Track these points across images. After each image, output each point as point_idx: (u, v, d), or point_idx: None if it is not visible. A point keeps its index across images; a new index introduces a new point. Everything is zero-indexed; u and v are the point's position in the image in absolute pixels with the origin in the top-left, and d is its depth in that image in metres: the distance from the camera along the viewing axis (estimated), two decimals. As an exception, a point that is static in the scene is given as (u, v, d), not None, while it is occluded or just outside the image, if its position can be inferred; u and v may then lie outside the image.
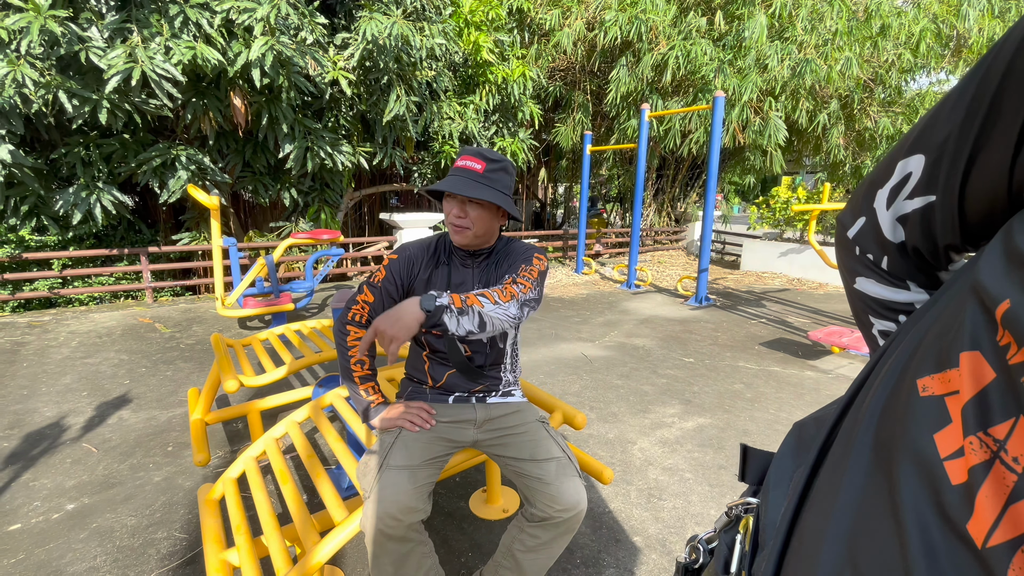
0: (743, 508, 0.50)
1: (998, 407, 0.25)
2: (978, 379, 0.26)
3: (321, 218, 6.55)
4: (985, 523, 0.24)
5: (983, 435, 0.25)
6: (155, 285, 5.70)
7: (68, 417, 2.78)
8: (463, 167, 1.28)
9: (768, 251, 8.18)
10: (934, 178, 0.37)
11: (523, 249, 1.43)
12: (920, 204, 0.39)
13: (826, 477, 0.37)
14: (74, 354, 3.84)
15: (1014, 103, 0.30)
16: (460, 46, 6.65)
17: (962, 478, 0.26)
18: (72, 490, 2.11)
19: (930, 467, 0.27)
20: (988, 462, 0.25)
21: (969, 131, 0.33)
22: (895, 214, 0.41)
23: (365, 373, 1.38)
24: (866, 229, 0.44)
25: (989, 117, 0.32)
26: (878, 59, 8.46)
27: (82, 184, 4.87)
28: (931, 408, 0.29)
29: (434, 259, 1.41)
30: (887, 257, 0.44)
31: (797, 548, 0.36)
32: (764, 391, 3.28)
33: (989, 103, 0.32)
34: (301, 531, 1.31)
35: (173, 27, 4.48)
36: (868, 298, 0.47)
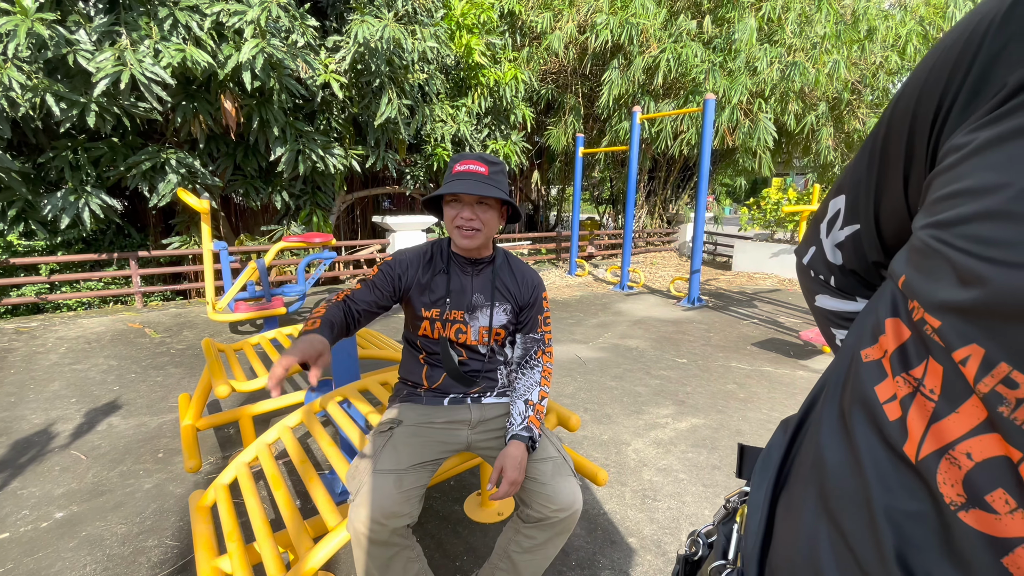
0: (739, 499, 0.54)
1: (914, 354, 0.33)
2: (899, 336, 0.35)
3: (313, 221, 6.52)
4: (915, 441, 0.32)
5: (906, 375, 0.33)
6: (145, 290, 5.65)
7: (56, 424, 2.75)
8: (468, 171, 1.28)
9: (759, 252, 8.25)
10: (855, 211, 0.48)
11: (531, 282, 1.46)
12: (849, 232, 0.50)
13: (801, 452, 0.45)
14: (62, 360, 3.79)
15: (896, 148, 0.41)
16: (452, 49, 6.66)
17: (897, 414, 0.33)
18: (61, 498, 2.08)
19: (873, 411, 0.35)
20: (912, 394, 0.33)
21: (871, 176, 0.45)
22: (833, 242, 0.52)
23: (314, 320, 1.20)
24: (816, 255, 0.55)
25: (883, 160, 0.43)
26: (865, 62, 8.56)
27: (70, 188, 4.82)
28: (872, 369, 0.37)
29: (431, 265, 1.40)
30: (834, 276, 0.54)
31: (783, 516, 0.43)
32: (757, 391, 3.30)
33: (880, 150, 0.43)
34: (294, 537, 1.30)
35: (162, 30, 4.45)
36: (828, 312, 0.57)
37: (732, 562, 0.49)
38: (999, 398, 0.27)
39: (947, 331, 0.30)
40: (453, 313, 1.39)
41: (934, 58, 0.37)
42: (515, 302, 1.44)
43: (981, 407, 0.28)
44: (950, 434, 0.30)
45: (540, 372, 1.44)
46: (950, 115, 0.35)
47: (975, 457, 0.28)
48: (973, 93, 0.33)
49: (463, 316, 1.39)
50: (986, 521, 0.28)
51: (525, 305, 1.45)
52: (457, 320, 1.39)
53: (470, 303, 1.40)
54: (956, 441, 0.29)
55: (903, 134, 0.40)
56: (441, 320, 1.38)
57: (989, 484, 0.28)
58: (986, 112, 0.31)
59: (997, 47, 0.31)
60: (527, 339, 1.47)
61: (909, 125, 0.39)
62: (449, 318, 1.38)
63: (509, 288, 1.43)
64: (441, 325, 1.39)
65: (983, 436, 0.28)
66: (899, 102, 0.40)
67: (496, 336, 1.43)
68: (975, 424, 0.29)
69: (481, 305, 1.41)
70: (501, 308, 1.42)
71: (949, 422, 0.30)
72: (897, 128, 0.40)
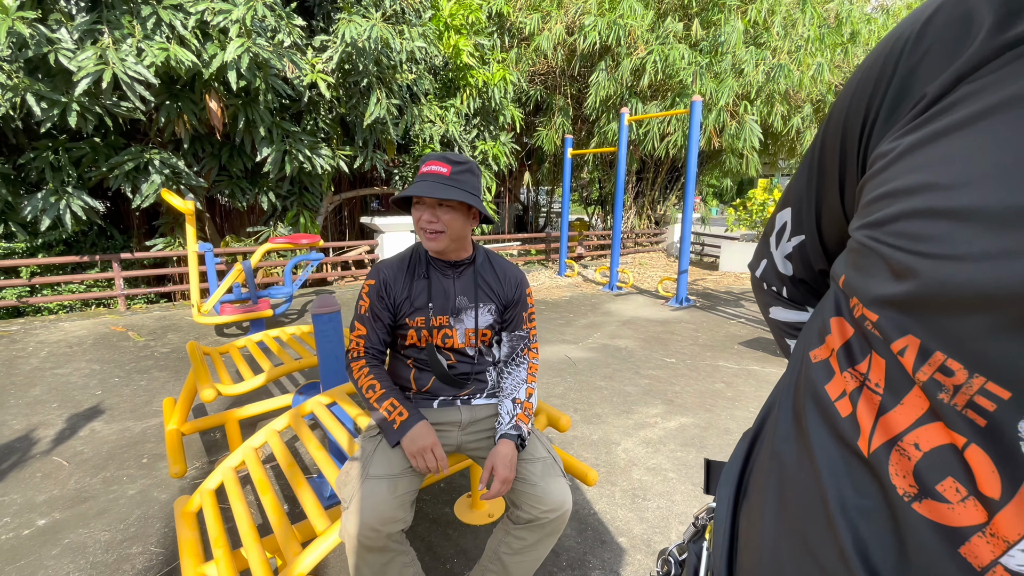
0: (708, 517, 0.54)
1: (858, 350, 0.34)
2: (843, 334, 0.36)
3: (300, 222, 6.47)
4: (866, 435, 0.32)
5: (852, 371, 0.34)
6: (128, 292, 5.56)
7: (38, 430, 2.69)
8: (429, 172, 1.27)
9: (746, 252, 8.33)
10: (800, 222, 0.50)
11: (514, 279, 1.44)
12: (796, 243, 0.51)
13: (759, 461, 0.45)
14: (43, 364, 3.72)
15: (830, 161, 0.43)
16: (440, 49, 6.64)
17: (848, 410, 0.34)
18: (43, 505, 2.04)
19: (826, 409, 0.36)
20: (859, 388, 0.33)
21: (811, 188, 0.47)
22: (782, 253, 0.54)
23: (380, 394, 1.31)
24: (768, 268, 0.57)
25: (820, 174, 0.45)
26: (848, 64, 8.69)
27: (51, 189, 4.73)
28: (821, 369, 0.38)
29: (411, 273, 1.38)
30: (786, 287, 0.56)
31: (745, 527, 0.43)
32: (744, 389, 3.33)
33: (817, 164, 0.45)
34: (282, 542, 1.29)
35: (145, 28, 4.38)
36: (781, 323, 0.58)
37: None
38: (938, 386, 0.28)
39: (884, 324, 0.31)
40: (438, 319, 1.37)
41: (859, 76, 0.39)
42: (499, 301, 1.43)
43: (923, 397, 0.29)
44: (897, 425, 0.30)
45: (526, 369, 1.44)
46: (875, 125, 0.37)
47: (923, 447, 0.29)
48: (895, 104, 0.35)
49: (448, 320, 1.38)
50: (939, 511, 0.28)
51: (509, 303, 1.44)
52: (443, 325, 1.38)
53: (454, 306, 1.38)
54: (903, 432, 0.30)
55: (836, 147, 0.42)
56: (427, 328, 1.37)
57: (938, 473, 0.28)
58: (908, 121, 0.33)
59: (914, 62, 0.34)
60: (512, 337, 1.46)
61: (840, 138, 0.41)
62: (434, 324, 1.37)
63: (492, 287, 1.42)
64: (428, 332, 1.37)
65: (928, 426, 0.29)
66: (831, 118, 0.43)
67: (483, 337, 1.42)
68: (919, 414, 0.29)
69: (465, 307, 1.39)
70: (485, 308, 1.41)
71: (895, 414, 0.31)
72: (830, 142, 0.43)
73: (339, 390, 1.89)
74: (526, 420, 1.34)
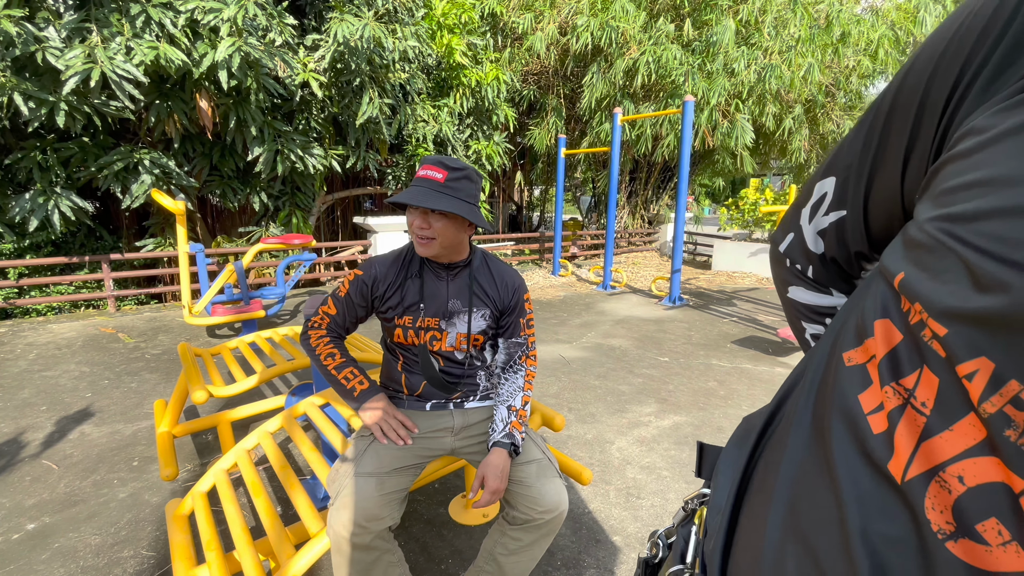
0: (698, 501, 0.53)
1: (906, 361, 0.30)
2: (889, 341, 0.31)
3: (292, 222, 6.43)
4: (903, 460, 0.28)
5: (895, 385, 0.30)
6: (118, 293, 5.50)
7: (26, 433, 2.66)
8: (424, 177, 1.23)
9: (738, 251, 8.38)
10: (843, 196, 0.44)
11: (512, 285, 1.40)
12: (834, 218, 0.46)
13: (768, 457, 0.41)
14: (32, 367, 3.67)
15: (899, 129, 0.37)
16: (433, 49, 6.63)
17: (883, 427, 0.30)
18: (32, 509, 2.02)
19: (855, 422, 0.32)
20: (901, 407, 0.29)
21: (867, 157, 0.41)
22: (815, 228, 0.48)
23: (340, 362, 1.34)
24: (794, 243, 0.51)
25: (881, 142, 0.39)
26: (839, 65, 8.76)
27: (39, 190, 4.67)
28: (855, 375, 0.33)
29: (404, 271, 1.35)
30: (812, 267, 0.51)
31: (745, 525, 0.40)
32: (737, 388, 3.35)
33: (880, 134, 0.39)
34: (275, 544, 1.28)
35: (135, 27, 4.34)
36: (799, 304, 0.54)
37: (690, 566, 0.48)
38: (1006, 420, 0.24)
39: (954, 341, 0.26)
40: (427, 320, 1.34)
41: (954, 27, 0.32)
42: (495, 307, 1.38)
43: (980, 426, 0.25)
44: (941, 454, 0.27)
45: (523, 376, 1.42)
46: (970, 91, 0.31)
47: (968, 481, 0.26)
48: (1000, 68, 0.29)
49: (438, 323, 1.34)
50: (975, 553, 0.25)
51: (506, 310, 1.40)
52: (432, 327, 1.35)
53: (446, 309, 1.34)
54: (947, 462, 0.26)
55: (910, 111, 0.36)
56: (414, 328, 1.34)
57: (982, 512, 0.25)
58: (1015, 93, 0.27)
59: None
60: (510, 344, 1.42)
61: (919, 102, 0.35)
62: (423, 325, 1.34)
63: (488, 292, 1.37)
64: (415, 333, 1.35)
65: (979, 459, 0.25)
66: (908, 75, 0.36)
67: (475, 342, 1.39)
68: (971, 444, 0.26)
69: (458, 311, 1.35)
70: (480, 314, 1.37)
71: (941, 440, 0.27)
72: (904, 104, 0.36)
73: (332, 391, 1.88)
74: (520, 428, 1.33)
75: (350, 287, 1.35)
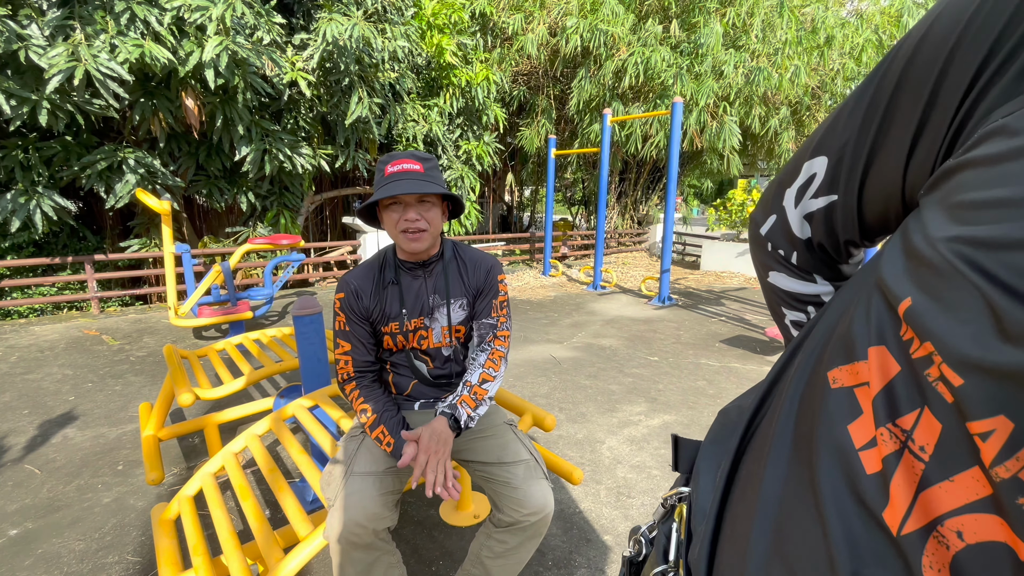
0: (676, 498, 0.51)
1: (904, 399, 0.26)
2: (885, 372, 0.28)
3: (280, 222, 6.37)
4: (899, 511, 0.26)
5: (892, 426, 0.27)
6: (102, 295, 5.41)
7: (8, 437, 2.61)
8: (402, 170, 1.22)
9: (726, 252, 8.45)
10: (835, 179, 0.39)
11: (484, 266, 1.39)
12: (824, 203, 0.41)
13: (750, 465, 0.38)
14: (13, 370, 3.60)
15: (906, 110, 0.32)
16: (423, 48, 6.61)
17: (876, 467, 0.27)
18: (14, 515, 1.98)
19: (846, 457, 0.28)
20: (898, 452, 0.26)
21: (866, 135, 0.35)
22: (802, 212, 0.43)
23: (371, 420, 1.27)
24: (776, 226, 0.47)
25: (884, 123, 0.34)
26: (824, 68, 8.88)
27: (20, 189, 4.58)
28: (842, 400, 0.30)
29: (380, 280, 1.34)
30: (796, 252, 0.46)
31: (728, 534, 0.38)
32: (726, 387, 3.38)
33: (884, 109, 0.34)
34: (264, 548, 1.27)
35: (119, 24, 4.27)
36: (780, 291, 0.50)
37: (674, 565, 0.46)
38: (1020, 487, 0.21)
39: (970, 394, 0.22)
40: (412, 322, 1.34)
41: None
42: (469, 292, 1.39)
43: (984, 482, 0.23)
44: (940, 506, 0.24)
45: (487, 355, 1.36)
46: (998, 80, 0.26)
47: (967, 538, 0.23)
48: None
49: (423, 322, 1.35)
50: None
51: (480, 291, 1.38)
52: (418, 328, 1.35)
53: (428, 306, 1.35)
54: (946, 515, 0.24)
55: (922, 91, 0.30)
56: (402, 332, 1.34)
57: (981, 572, 0.23)
58: None
59: None
60: (480, 325, 1.39)
61: (934, 80, 0.30)
62: (409, 328, 1.34)
63: (463, 279, 1.38)
64: (403, 337, 1.35)
65: (981, 515, 0.23)
66: (923, 45, 0.30)
67: (457, 333, 1.39)
68: (972, 499, 0.23)
69: (438, 305, 1.36)
70: (457, 303, 1.37)
71: (940, 491, 0.24)
72: (915, 81, 0.31)
73: (321, 393, 1.87)
74: (471, 404, 1.26)
75: (344, 314, 1.33)
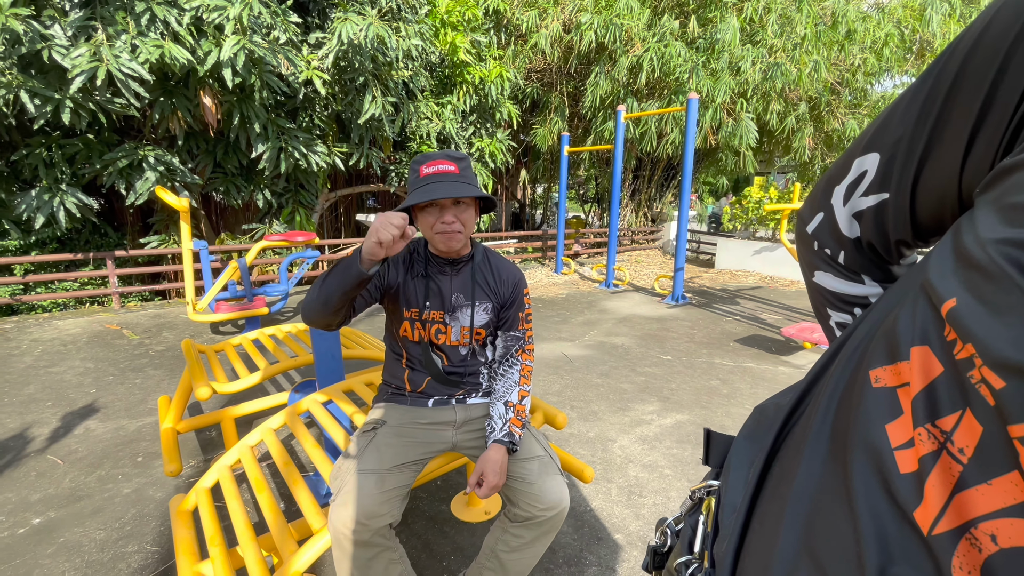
0: (705, 491, 0.51)
1: (945, 400, 0.26)
2: (927, 372, 0.27)
3: (296, 220, 6.44)
4: (932, 511, 0.25)
5: (931, 427, 0.26)
6: (122, 290, 5.53)
7: (32, 428, 2.68)
8: (438, 172, 1.24)
9: (741, 250, 8.35)
10: (888, 176, 0.38)
11: (512, 278, 1.43)
12: (874, 201, 0.40)
13: (784, 463, 0.38)
14: (37, 363, 3.70)
15: (965, 106, 0.31)
16: (437, 46, 6.62)
17: (912, 467, 0.27)
18: (38, 504, 2.03)
19: (880, 455, 0.28)
20: (936, 452, 0.26)
21: (922, 132, 0.34)
22: (851, 210, 0.42)
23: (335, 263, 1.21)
24: (824, 225, 0.46)
25: (941, 119, 0.33)
26: (844, 63, 8.71)
27: (44, 186, 4.69)
28: (883, 399, 0.29)
29: (407, 268, 1.37)
30: (844, 252, 0.45)
31: (757, 530, 0.38)
32: (740, 387, 3.34)
33: (941, 105, 0.33)
34: (278, 540, 1.29)
35: (140, 25, 4.35)
36: (826, 291, 0.49)
37: (698, 556, 0.47)
38: None
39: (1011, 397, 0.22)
40: (432, 314, 1.36)
41: None
42: (496, 300, 1.41)
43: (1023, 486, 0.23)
44: (975, 508, 0.24)
45: (519, 371, 1.42)
46: None
47: (1001, 542, 0.23)
48: None
49: (443, 317, 1.37)
50: None
51: (506, 303, 1.42)
52: (436, 321, 1.37)
53: (450, 304, 1.37)
54: (981, 518, 0.24)
55: (983, 83, 0.29)
56: (420, 321, 1.36)
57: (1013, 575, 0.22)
58: None
59: None
60: (507, 337, 1.44)
61: (992, 79, 0.29)
62: (428, 319, 1.37)
63: (490, 285, 1.41)
64: (421, 326, 1.37)
65: (1017, 520, 0.23)
66: (985, 35, 0.30)
67: (477, 336, 1.41)
68: (1010, 503, 0.23)
69: (461, 305, 1.38)
70: (482, 307, 1.40)
71: (976, 493, 0.24)
72: (975, 72, 0.30)
73: (335, 388, 1.89)
74: (518, 424, 1.33)
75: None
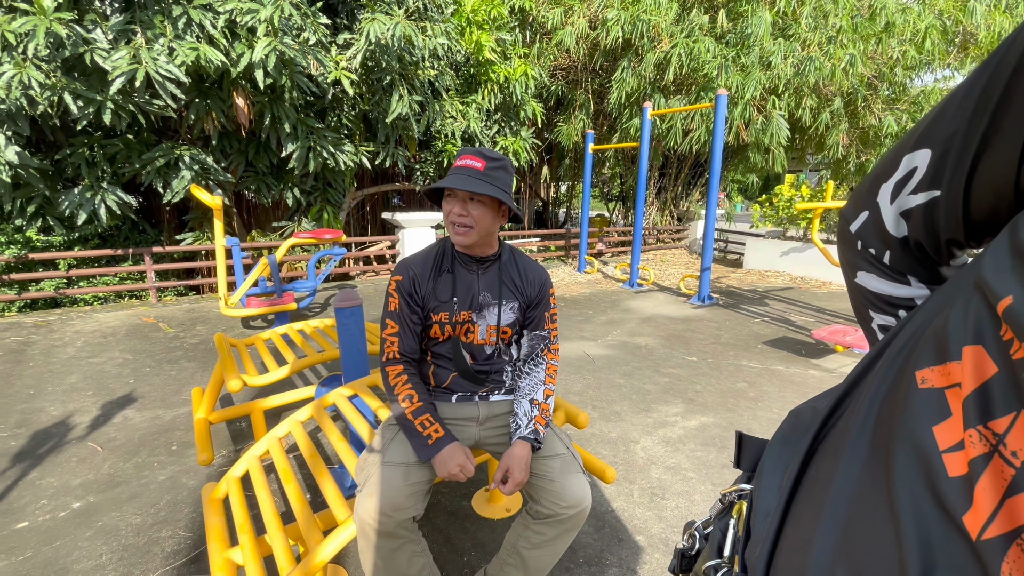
0: (736, 494, 0.51)
1: (1000, 401, 0.25)
2: (980, 373, 0.26)
3: (323, 218, 6.57)
4: (982, 515, 0.24)
5: (983, 428, 0.25)
6: (159, 285, 5.72)
7: (74, 416, 2.80)
8: (464, 166, 1.27)
9: (771, 250, 8.16)
10: (940, 173, 0.36)
11: (539, 278, 1.44)
12: (924, 199, 0.38)
13: (820, 467, 0.37)
14: (79, 354, 3.86)
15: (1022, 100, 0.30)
16: (462, 45, 6.65)
17: (961, 470, 0.26)
18: (78, 488, 2.13)
19: (927, 459, 0.27)
20: (987, 455, 0.25)
21: (977, 126, 0.33)
22: (899, 208, 0.41)
23: (417, 407, 1.29)
24: (869, 223, 0.44)
25: (998, 112, 0.32)
26: (882, 56, 8.41)
27: (87, 185, 4.90)
28: (930, 400, 0.29)
29: (436, 267, 1.39)
30: (889, 252, 0.43)
31: (791, 535, 0.37)
32: (767, 390, 3.27)
33: (999, 98, 0.31)
34: (304, 530, 1.32)
35: (176, 28, 4.50)
36: (869, 293, 0.47)
37: (728, 560, 0.46)
38: None
39: None
40: (461, 314, 1.38)
41: None
42: (522, 299, 1.42)
43: None
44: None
45: (545, 370, 1.43)
46: None
47: None
48: None
49: (471, 316, 1.38)
50: None
51: (532, 303, 1.43)
52: (466, 320, 1.38)
53: (477, 302, 1.38)
54: None
55: None
56: (451, 323, 1.37)
57: None
58: None
59: None
60: (533, 336, 1.45)
61: None
62: (458, 319, 1.38)
63: (516, 285, 1.42)
64: (451, 328, 1.38)
65: None
66: None
67: (503, 335, 1.42)
68: None
69: (488, 304, 1.39)
70: (508, 306, 1.40)
71: None
72: None
73: (361, 383, 1.92)
74: (543, 422, 1.34)
75: (399, 296, 1.35)
